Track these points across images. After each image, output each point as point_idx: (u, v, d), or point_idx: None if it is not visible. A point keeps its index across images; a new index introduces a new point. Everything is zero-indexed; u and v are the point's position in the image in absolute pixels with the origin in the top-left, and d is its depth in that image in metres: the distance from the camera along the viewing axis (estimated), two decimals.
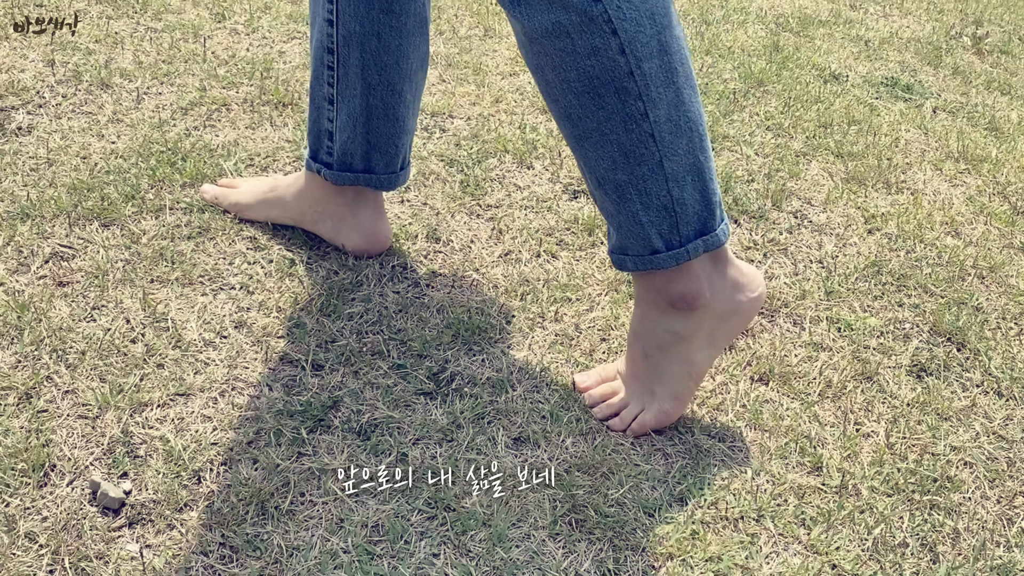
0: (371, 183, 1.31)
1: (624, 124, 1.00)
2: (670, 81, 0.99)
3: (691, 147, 1.02)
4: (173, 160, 1.51)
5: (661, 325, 1.12)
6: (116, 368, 1.14)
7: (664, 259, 1.07)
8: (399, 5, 1.22)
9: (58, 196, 1.40)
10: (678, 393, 1.14)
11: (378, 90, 1.25)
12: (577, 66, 0.98)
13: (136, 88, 1.71)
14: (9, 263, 1.27)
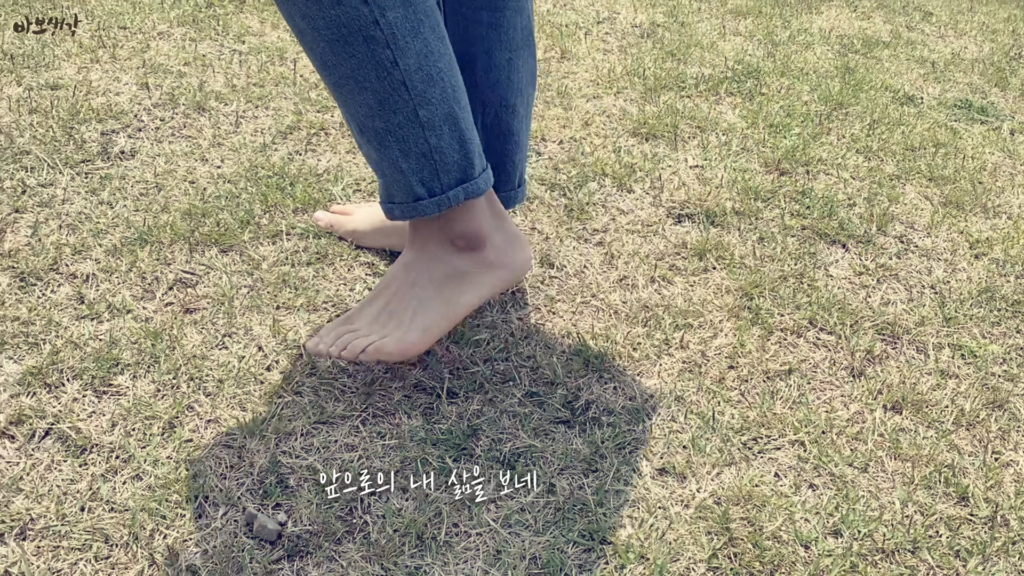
0: None
1: (375, 72, 1.02)
2: (416, 31, 1.02)
3: (444, 97, 1.05)
4: (282, 185, 1.51)
5: (439, 260, 1.15)
6: (255, 396, 1.13)
7: (427, 206, 1.10)
8: (506, 20, 1.22)
9: (173, 221, 1.39)
10: (428, 327, 1.15)
11: (492, 108, 1.25)
12: (324, 15, 1.00)
13: (233, 111, 1.71)
14: (134, 289, 1.27)
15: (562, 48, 2.23)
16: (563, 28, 2.40)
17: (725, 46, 2.45)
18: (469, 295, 1.16)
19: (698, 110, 1.98)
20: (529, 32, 1.25)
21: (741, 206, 1.62)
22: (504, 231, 1.17)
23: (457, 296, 1.16)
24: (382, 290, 1.18)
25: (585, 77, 2.09)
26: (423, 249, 1.16)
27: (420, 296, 1.15)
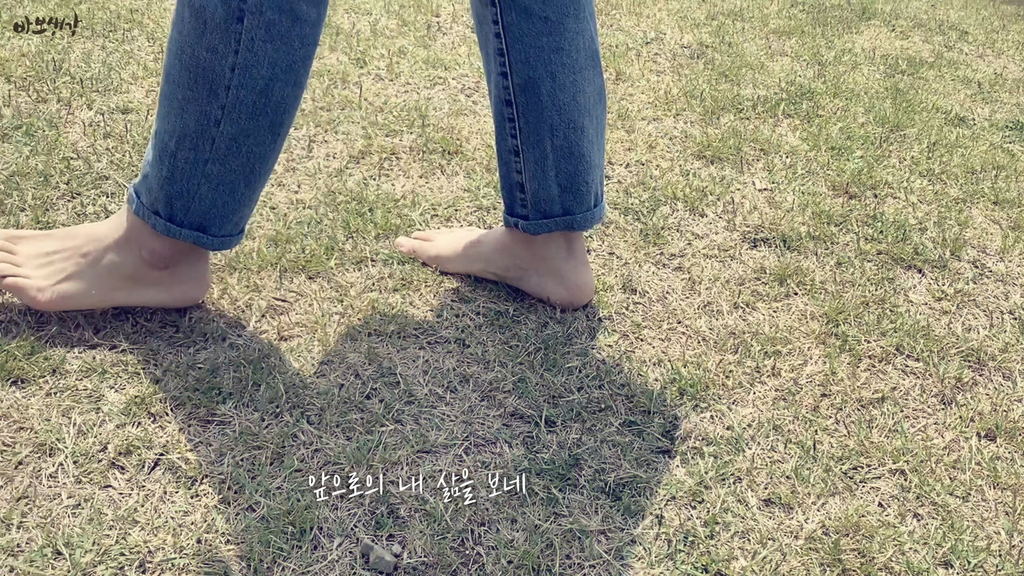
0: (570, 225, 1.30)
1: (198, 116, 1.10)
2: (255, 117, 1.11)
3: (239, 170, 1.14)
4: (361, 211, 1.51)
5: (124, 256, 1.19)
6: (358, 425, 1.13)
7: (159, 224, 1.16)
8: (567, 42, 1.22)
9: (259, 248, 1.39)
10: (68, 296, 1.19)
11: (560, 130, 1.25)
12: (195, 48, 1.08)
13: (304, 136, 1.72)
14: (228, 317, 1.27)
15: (616, 70, 2.23)
16: (613, 49, 2.40)
17: (774, 66, 2.45)
18: (124, 295, 1.21)
19: (759, 132, 1.99)
20: (593, 52, 1.26)
21: (815, 230, 1.62)
22: (195, 267, 1.22)
23: (114, 290, 1.20)
24: (65, 238, 1.21)
25: (643, 99, 2.09)
26: (116, 239, 1.19)
27: (84, 271, 1.19)
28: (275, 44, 1.08)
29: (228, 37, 1.07)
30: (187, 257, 1.21)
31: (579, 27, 1.23)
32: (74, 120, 1.65)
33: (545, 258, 1.33)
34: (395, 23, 2.37)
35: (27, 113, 1.65)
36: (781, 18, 3.02)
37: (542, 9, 1.20)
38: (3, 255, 1.20)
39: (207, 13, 1.07)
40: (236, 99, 1.10)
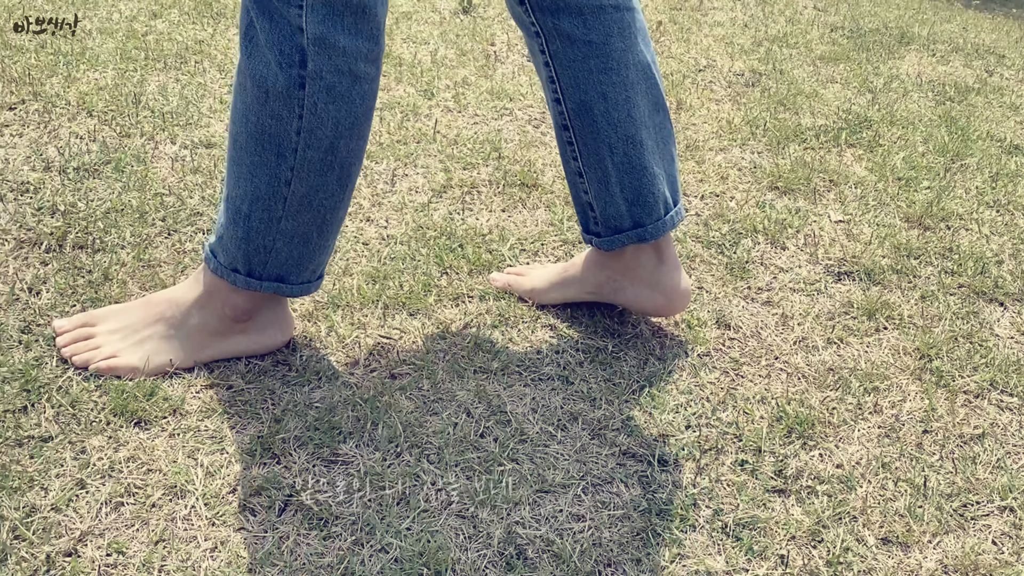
0: (642, 237, 1.31)
1: (268, 179, 1.13)
2: (323, 173, 1.13)
3: (311, 223, 1.16)
4: (451, 246, 1.53)
5: (207, 312, 1.22)
6: (476, 464, 1.14)
7: (239, 280, 1.19)
8: (615, 61, 1.24)
9: (359, 285, 1.41)
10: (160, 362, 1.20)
11: (619, 147, 1.27)
12: (259, 116, 1.11)
13: (385, 170, 1.74)
14: (338, 355, 1.28)
15: (676, 99, 2.25)
16: (669, 77, 2.43)
17: (827, 94, 2.47)
18: (214, 350, 1.23)
19: (826, 163, 2.00)
20: (645, 65, 1.27)
21: (896, 264, 1.63)
22: (275, 312, 1.24)
23: (202, 348, 1.22)
24: (139, 308, 1.24)
25: (707, 128, 2.11)
26: (196, 298, 1.22)
27: (170, 334, 1.22)
28: (337, 105, 1.10)
29: (291, 104, 1.09)
30: (268, 305, 1.24)
31: (625, 45, 1.24)
32: (160, 155, 1.67)
33: (636, 267, 1.35)
34: (453, 53, 2.40)
35: (113, 148, 1.67)
36: (825, 43, 3.04)
37: (585, 34, 1.22)
38: (85, 343, 1.21)
39: (268, 83, 1.09)
40: (304, 160, 1.12)
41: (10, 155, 1.61)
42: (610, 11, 1.23)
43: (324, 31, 1.07)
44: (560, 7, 1.22)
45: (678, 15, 3.14)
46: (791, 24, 3.28)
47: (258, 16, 1.08)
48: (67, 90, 1.85)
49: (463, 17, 2.74)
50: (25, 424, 1.10)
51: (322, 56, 1.08)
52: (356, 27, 1.08)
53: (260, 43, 1.09)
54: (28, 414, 1.12)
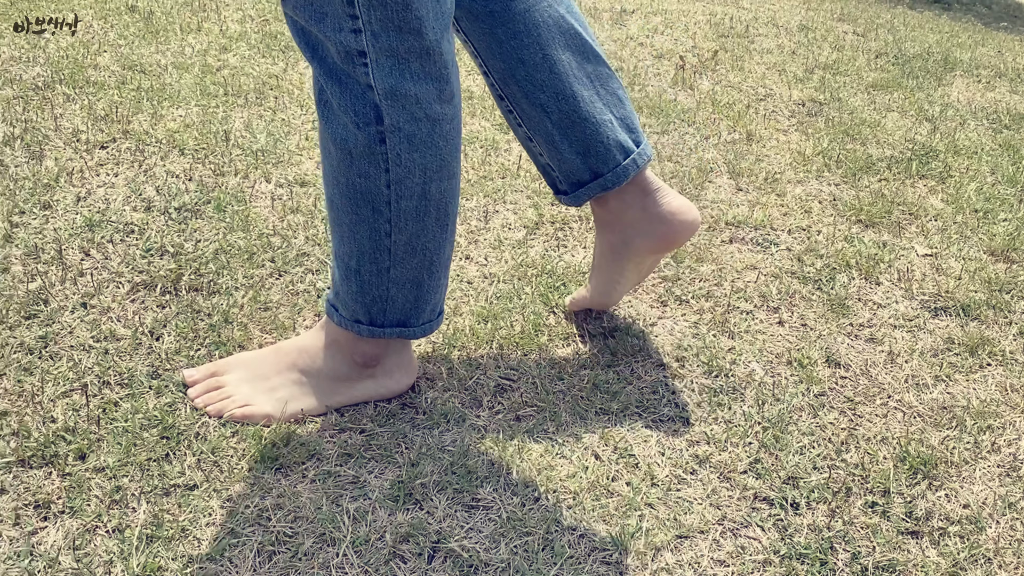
0: (604, 186, 1.30)
1: (370, 234, 1.14)
2: (419, 219, 1.14)
3: (419, 267, 1.17)
4: (554, 284, 1.54)
5: (335, 361, 1.24)
6: (613, 510, 1.15)
7: (363, 330, 1.21)
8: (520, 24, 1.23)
9: (471, 325, 1.42)
10: (294, 410, 1.22)
11: (552, 106, 1.27)
12: (348, 177, 1.11)
13: (477, 207, 1.75)
14: (462, 396, 1.29)
15: (747, 130, 2.27)
16: (732, 106, 2.44)
17: (887, 123, 2.48)
18: (344, 396, 1.24)
19: (902, 195, 2.01)
20: (557, 18, 1.25)
21: (989, 298, 1.64)
22: (400, 356, 1.26)
23: (333, 394, 1.24)
24: (268, 356, 1.25)
25: (780, 160, 2.12)
26: (325, 346, 1.25)
27: (301, 381, 1.24)
28: (421, 152, 1.11)
29: (375, 160, 1.09)
30: (394, 349, 1.25)
31: (527, 5, 1.24)
32: (257, 194, 1.69)
33: (625, 212, 1.33)
34: None
35: (210, 187, 1.68)
36: (874, 70, 3.06)
37: (484, 5, 1.23)
38: (218, 392, 1.22)
39: (350, 144, 1.09)
40: (399, 210, 1.13)
41: (110, 195, 1.63)
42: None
43: (393, 83, 1.06)
44: None
45: (727, 43, 3.16)
46: (836, 51, 3.30)
47: (327, 82, 1.08)
48: (155, 127, 1.87)
49: None
50: (170, 472, 1.11)
51: (396, 108, 1.07)
52: (423, 71, 1.08)
53: (334, 107, 1.09)
54: (171, 462, 1.13)
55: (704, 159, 2.08)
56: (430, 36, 1.05)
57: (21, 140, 1.75)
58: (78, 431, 1.15)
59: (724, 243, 1.74)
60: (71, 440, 1.13)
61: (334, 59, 1.06)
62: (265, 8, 2.70)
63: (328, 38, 1.04)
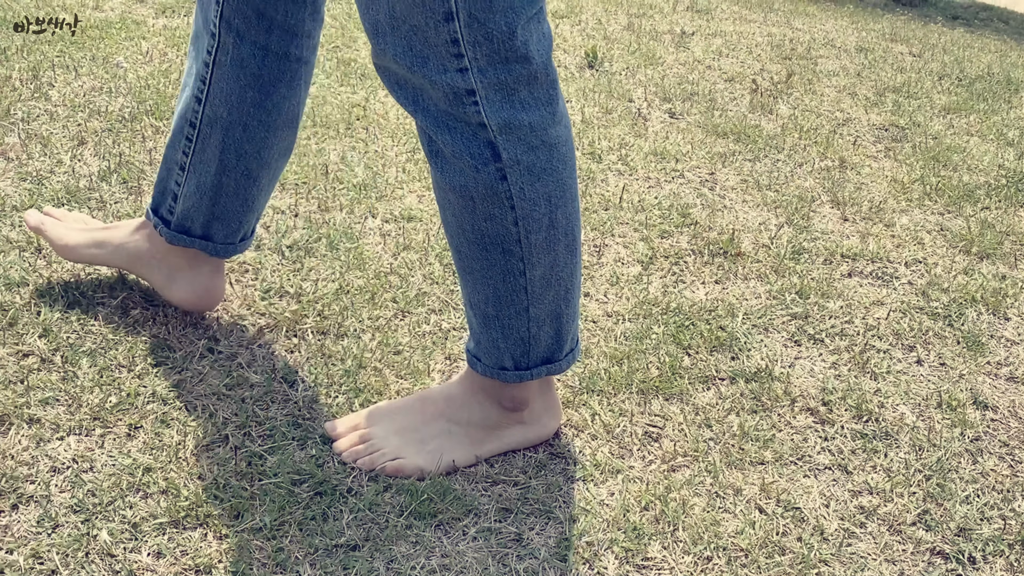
0: (207, 249, 1.30)
1: (503, 276, 1.10)
2: (550, 249, 1.10)
3: (556, 299, 1.13)
4: (683, 323, 1.49)
5: (483, 409, 1.19)
6: (788, 566, 1.10)
7: (510, 376, 1.17)
8: (271, 103, 1.22)
9: (606, 368, 1.37)
10: (447, 463, 1.17)
11: (233, 173, 1.25)
12: (474, 222, 1.07)
13: (585, 240, 1.70)
14: (611, 445, 1.24)
15: (839, 157, 2.22)
16: (818, 131, 2.39)
17: (972, 148, 2.44)
18: (494, 446, 1.20)
19: (1009, 224, 1.96)
20: (294, 116, 1.26)
21: None
22: (545, 398, 1.21)
23: (484, 442, 1.19)
24: (414, 406, 1.20)
25: (879, 188, 2.07)
26: (472, 394, 1.20)
27: (450, 431, 1.18)
28: (543, 181, 1.06)
29: (499, 200, 1.05)
30: (541, 390, 1.21)
31: (289, 93, 1.23)
32: (366, 230, 1.64)
33: (179, 257, 1.32)
34: (598, 111, 2.37)
35: (318, 223, 1.64)
36: (942, 92, 3.01)
37: (259, 68, 1.20)
38: (366, 446, 1.17)
39: (470, 189, 1.05)
40: (529, 245, 1.08)
41: None
42: (292, 60, 1.21)
43: (506, 116, 1.02)
44: (249, 35, 1.18)
45: (793, 65, 3.12)
46: (899, 72, 3.26)
47: (436, 131, 1.03)
48: None
49: (591, 72, 2.72)
50: (329, 531, 1.06)
51: (512, 141, 1.03)
52: (533, 97, 1.03)
53: (447, 155, 1.04)
54: (328, 520, 1.07)
55: (803, 187, 2.04)
56: (537, 60, 1.01)
57: (117, 174, 1.70)
58: (228, 488, 1.10)
59: (844, 277, 1.69)
60: (222, 498, 1.08)
61: (438, 105, 1.02)
62: (333, 35, 2.67)
63: (432, 82, 1.00)
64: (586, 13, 3.50)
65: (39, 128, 1.84)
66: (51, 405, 1.18)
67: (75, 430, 1.15)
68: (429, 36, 0.97)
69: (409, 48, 0.98)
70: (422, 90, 1.02)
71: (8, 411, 1.15)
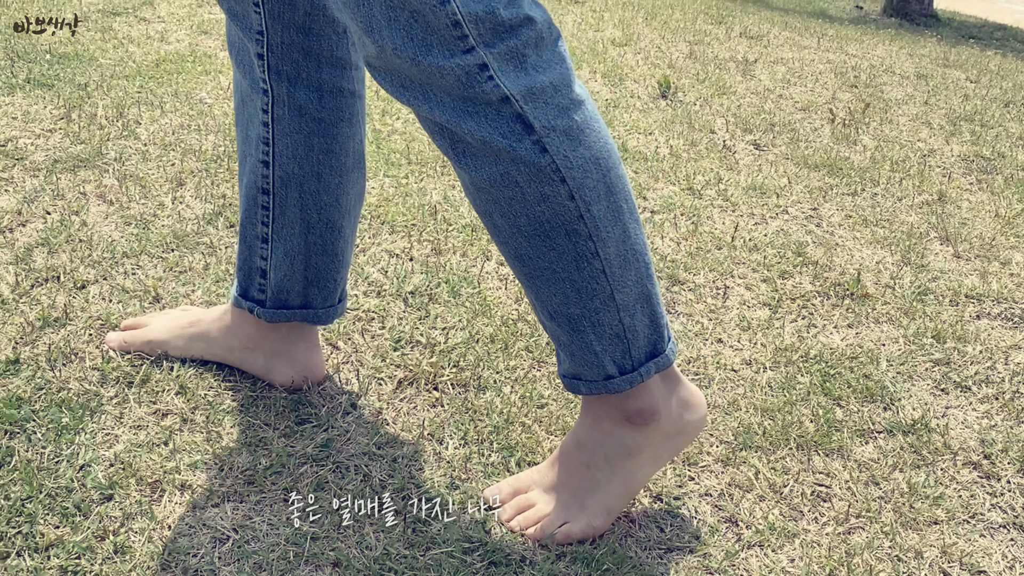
0: (309, 318, 1.25)
1: (576, 263, 1.00)
2: (617, 219, 1.00)
3: (639, 277, 1.04)
4: (828, 372, 1.43)
5: (613, 438, 1.10)
6: None
7: (618, 383, 1.07)
8: (338, 145, 1.18)
9: (760, 422, 1.31)
10: (611, 508, 1.11)
11: (317, 228, 1.21)
12: (527, 212, 0.98)
13: (705, 282, 1.65)
14: (782, 507, 1.18)
15: (937, 191, 2.17)
16: (906, 162, 2.35)
17: None
18: (647, 469, 1.12)
19: None
20: (361, 154, 1.22)
21: None
22: (678, 395, 1.12)
23: (635, 471, 1.11)
24: (555, 466, 1.13)
25: (986, 224, 2.02)
26: (597, 427, 1.11)
27: (598, 478, 1.11)
28: (585, 143, 0.98)
29: (546, 175, 0.96)
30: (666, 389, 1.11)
31: (351, 131, 1.19)
32: (485, 274, 1.59)
33: (275, 340, 1.26)
34: (683, 143, 2.33)
35: (435, 267, 1.58)
36: (1014, 120, 2.97)
37: (318, 110, 1.16)
38: (530, 514, 1.11)
39: (512, 174, 0.96)
40: (593, 219, 0.99)
41: None
42: (347, 95, 1.17)
43: (525, 82, 0.94)
44: (300, 77, 1.14)
45: (862, 94, 3.08)
46: (965, 100, 3.22)
47: (458, 122, 0.95)
48: None
49: (665, 102, 2.67)
50: None
51: (539, 107, 0.95)
52: (542, 59, 0.95)
53: (477, 146, 0.96)
54: None
55: (908, 223, 1.99)
56: (539, 18, 0.94)
57: (222, 216, 1.66)
58: (400, 559, 1.04)
59: (974, 319, 1.64)
60: (397, 570, 1.02)
61: (452, 93, 0.93)
62: None
63: (441, 70, 0.92)
64: (644, 41, 3.47)
65: (133, 168, 1.79)
66: (200, 469, 1.12)
67: (230, 496, 1.09)
68: (429, 21, 0.90)
69: (410, 38, 0.91)
70: (431, 84, 0.94)
71: (158, 477, 1.10)
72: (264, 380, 1.28)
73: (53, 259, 1.48)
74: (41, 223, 1.57)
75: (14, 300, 1.37)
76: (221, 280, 1.48)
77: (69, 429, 1.15)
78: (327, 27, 1.14)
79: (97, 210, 1.64)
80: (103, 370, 1.25)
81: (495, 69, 0.93)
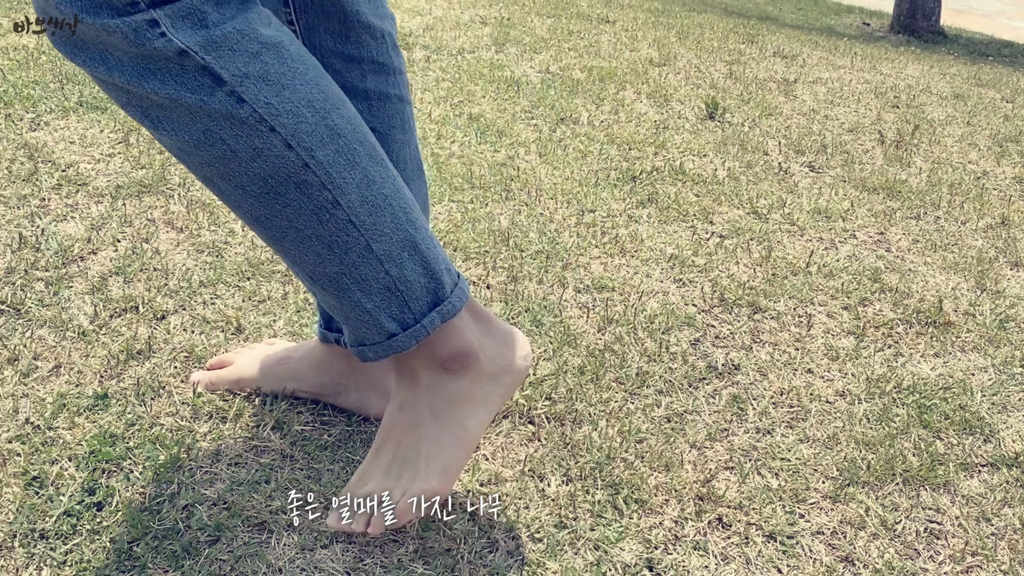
0: None
1: (317, 216, 0.93)
2: (353, 163, 0.93)
3: (396, 223, 0.96)
4: (924, 404, 1.40)
5: (434, 389, 1.04)
6: None
7: (402, 340, 1.00)
8: (395, 153, 1.16)
9: (864, 456, 1.28)
10: (447, 466, 1.04)
11: None
12: (246, 171, 0.90)
13: (787, 310, 1.62)
14: (893, 542, 1.15)
15: (1000, 215, 2.15)
16: (961, 185, 2.32)
17: None
18: (478, 416, 1.06)
19: None
20: (418, 163, 1.20)
21: None
22: (494, 334, 1.07)
23: (464, 421, 1.05)
24: (385, 439, 1.07)
25: None
26: (414, 382, 1.05)
27: (427, 435, 1.04)
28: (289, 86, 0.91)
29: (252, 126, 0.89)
30: (480, 331, 1.07)
31: (405, 138, 1.16)
32: (565, 303, 1.56)
33: (365, 371, 1.24)
34: (738, 165, 2.30)
35: (513, 295, 1.56)
36: None
37: (370, 120, 1.12)
38: (368, 504, 1.05)
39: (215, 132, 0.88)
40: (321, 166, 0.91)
41: None
42: (395, 101, 1.14)
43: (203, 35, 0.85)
44: (347, 87, 1.10)
45: (906, 114, 3.06)
46: (1006, 120, 3.20)
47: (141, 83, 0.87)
48: None
49: (713, 123, 2.65)
50: None
51: (224, 55, 0.87)
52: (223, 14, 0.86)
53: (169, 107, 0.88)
54: None
55: (976, 248, 1.96)
56: None
57: None
58: None
59: None
60: None
61: (128, 51, 0.86)
62: (450, 90, 2.61)
63: (109, 29, 0.85)
64: (681, 61, 3.45)
65: (199, 195, 1.77)
66: (306, 508, 1.10)
67: (339, 536, 1.06)
68: None
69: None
70: (104, 44, 0.87)
71: (264, 517, 1.07)
72: (359, 414, 1.25)
73: (129, 288, 1.45)
74: (112, 251, 1.55)
75: (95, 331, 1.34)
76: (302, 309, 1.46)
77: (167, 467, 1.12)
78: (364, 33, 1.11)
79: (167, 237, 1.61)
80: (194, 404, 1.23)
81: (167, 26, 0.84)
